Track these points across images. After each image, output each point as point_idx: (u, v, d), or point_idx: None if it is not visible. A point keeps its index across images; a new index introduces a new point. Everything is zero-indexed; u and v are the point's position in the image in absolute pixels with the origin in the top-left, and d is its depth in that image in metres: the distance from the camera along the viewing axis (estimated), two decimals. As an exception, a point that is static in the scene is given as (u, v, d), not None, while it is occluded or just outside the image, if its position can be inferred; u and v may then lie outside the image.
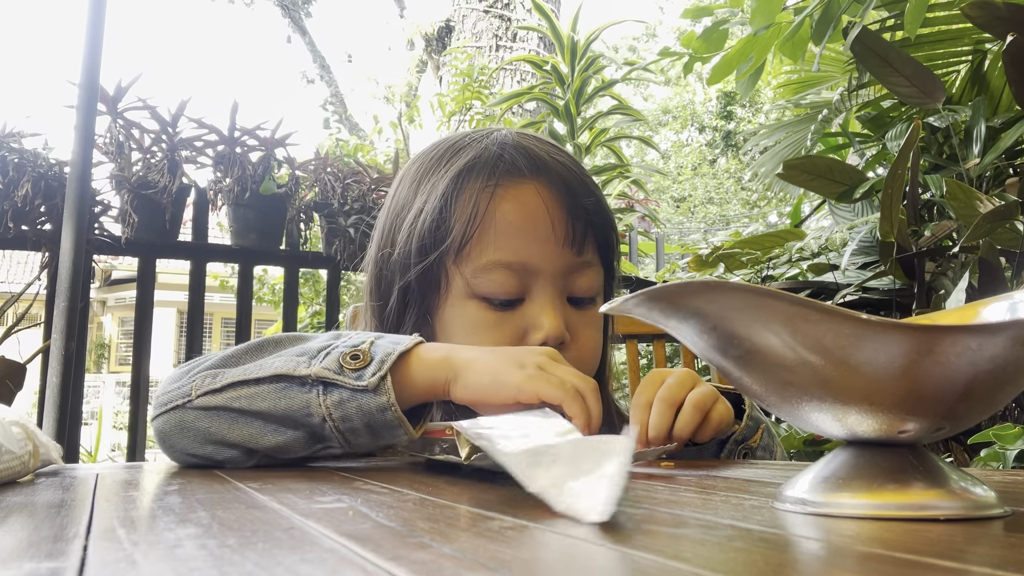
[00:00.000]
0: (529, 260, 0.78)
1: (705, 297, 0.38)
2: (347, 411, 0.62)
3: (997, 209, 1.59)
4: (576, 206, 0.81)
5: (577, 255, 0.80)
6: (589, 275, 0.82)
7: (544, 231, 0.79)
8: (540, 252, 0.79)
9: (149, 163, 2.39)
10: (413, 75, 9.03)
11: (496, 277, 0.78)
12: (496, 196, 0.79)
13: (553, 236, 0.79)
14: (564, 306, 0.80)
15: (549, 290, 0.79)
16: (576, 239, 0.80)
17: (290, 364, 0.64)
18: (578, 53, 4.74)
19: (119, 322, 15.53)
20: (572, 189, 0.81)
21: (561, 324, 0.78)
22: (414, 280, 0.82)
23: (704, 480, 0.55)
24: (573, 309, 0.81)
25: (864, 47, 1.97)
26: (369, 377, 0.62)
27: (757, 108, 14.07)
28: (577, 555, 0.28)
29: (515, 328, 0.79)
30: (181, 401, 0.66)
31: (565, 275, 0.80)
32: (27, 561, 0.28)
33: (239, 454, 0.66)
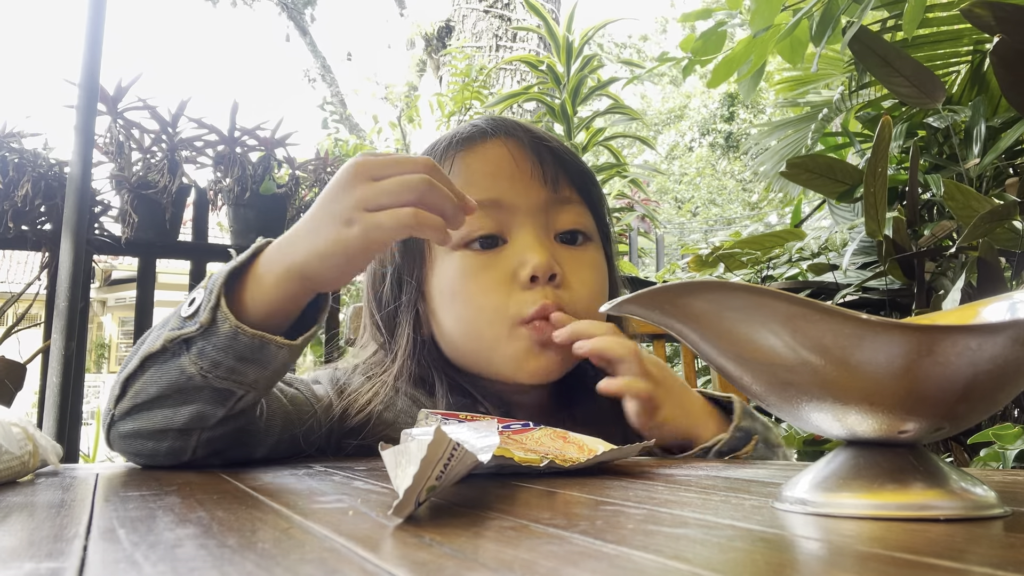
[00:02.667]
0: (500, 197, 0.78)
1: (705, 297, 0.38)
2: (209, 355, 0.62)
3: (996, 209, 1.59)
4: (543, 149, 0.81)
5: (552, 191, 0.80)
6: (571, 210, 0.81)
7: (512, 170, 0.79)
8: (511, 189, 0.78)
9: (149, 163, 2.39)
10: (413, 75, 9.03)
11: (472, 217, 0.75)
12: (460, 155, 0.81)
13: (521, 173, 0.79)
14: (551, 243, 0.79)
15: (529, 225, 0.78)
16: (548, 176, 0.79)
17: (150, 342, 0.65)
18: (574, 53, 4.74)
19: (119, 322, 15.53)
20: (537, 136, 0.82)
21: (548, 255, 0.76)
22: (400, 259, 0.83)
23: (704, 480, 0.55)
24: (563, 248, 0.80)
25: (863, 46, 1.97)
26: (202, 316, 0.62)
27: (759, 110, 14.08)
28: (577, 555, 0.28)
29: (503, 268, 0.77)
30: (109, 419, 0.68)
31: (545, 210, 0.79)
32: (27, 561, 0.28)
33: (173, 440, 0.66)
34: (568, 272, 0.78)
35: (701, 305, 0.38)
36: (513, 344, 0.76)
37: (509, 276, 0.77)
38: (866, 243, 2.14)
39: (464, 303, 0.78)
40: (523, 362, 0.76)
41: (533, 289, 0.76)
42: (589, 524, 0.34)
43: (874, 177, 1.68)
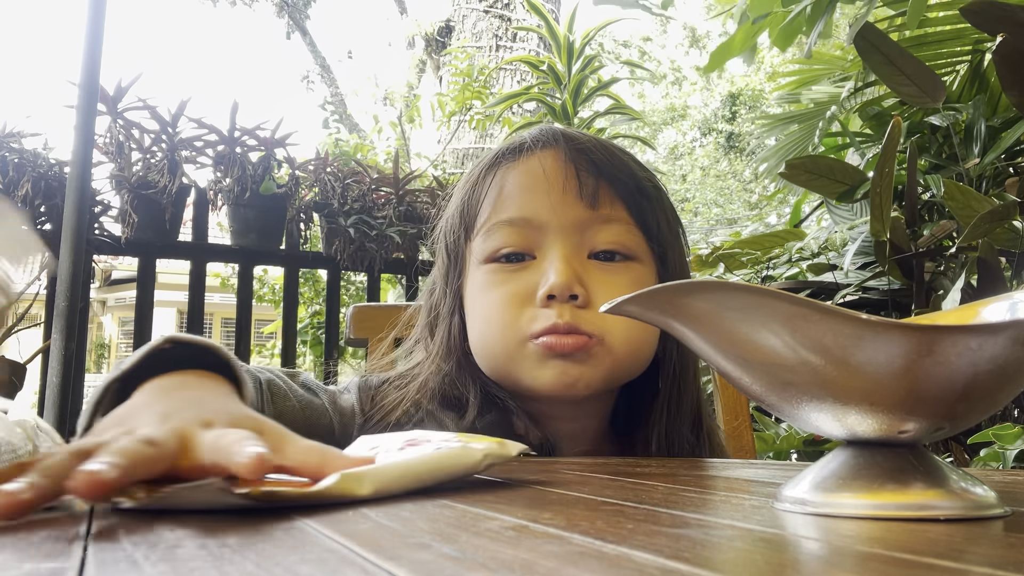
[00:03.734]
0: (533, 215, 0.75)
1: (705, 297, 0.38)
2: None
3: (995, 209, 1.59)
4: (587, 162, 0.77)
5: (591, 208, 0.75)
6: (611, 229, 0.76)
7: (547, 186, 0.76)
8: (545, 206, 0.75)
9: (149, 163, 2.39)
10: (413, 75, 9.03)
11: (499, 235, 0.76)
12: (502, 169, 0.79)
13: (560, 190, 0.76)
14: (582, 261, 0.75)
15: (559, 243, 0.75)
16: (586, 192, 0.75)
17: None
18: (574, 53, 4.74)
19: (119, 322, 15.52)
20: (582, 148, 0.78)
21: (569, 275, 0.73)
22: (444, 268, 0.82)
23: (704, 480, 0.55)
24: (597, 267, 0.76)
25: (867, 43, 1.97)
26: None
27: (762, 111, 14.07)
28: (577, 555, 0.28)
29: (526, 285, 0.75)
30: None
31: (580, 229, 0.75)
32: (27, 561, 0.28)
33: None
34: (598, 292, 0.74)
35: (701, 305, 0.38)
36: (525, 358, 0.75)
37: (530, 293, 0.75)
38: (866, 243, 2.14)
39: (482, 316, 0.78)
40: (537, 372, 0.74)
41: (550, 307, 0.73)
42: (589, 524, 0.34)
43: (881, 177, 1.68)
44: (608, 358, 0.74)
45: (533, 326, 0.73)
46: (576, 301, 0.73)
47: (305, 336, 4.32)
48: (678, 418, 0.79)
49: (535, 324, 0.73)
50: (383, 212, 2.75)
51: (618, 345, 0.74)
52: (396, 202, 2.80)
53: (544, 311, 0.73)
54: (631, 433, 0.81)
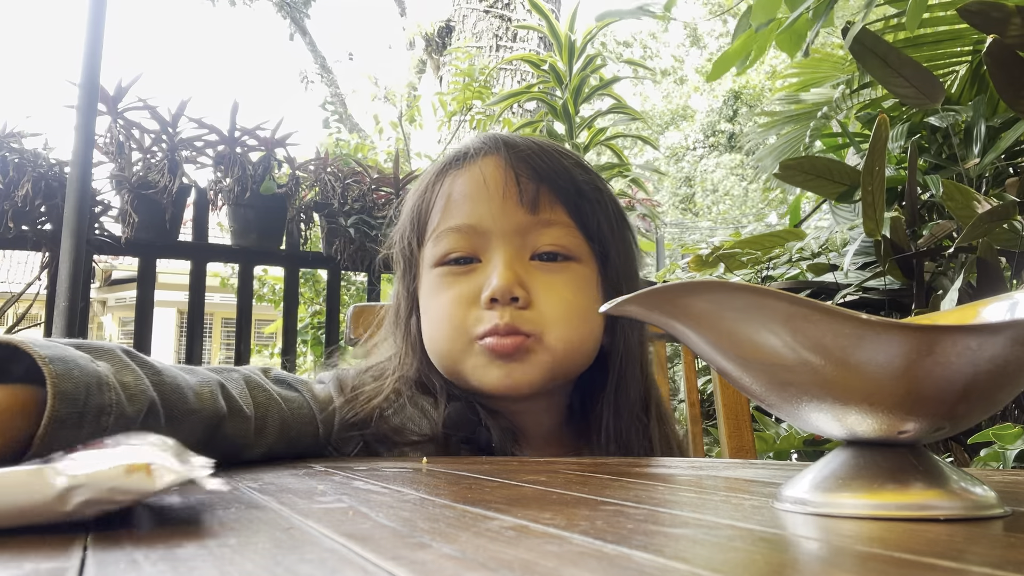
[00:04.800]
0: (477, 222, 0.80)
1: (705, 297, 0.38)
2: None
3: (995, 209, 1.59)
4: (527, 168, 0.80)
5: (531, 212, 0.80)
6: (552, 232, 0.80)
7: (488, 193, 0.80)
8: (488, 213, 0.80)
9: (149, 163, 2.39)
10: (413, 75, 9.03)
11: (447, 241, 0.80)
12: (449, 176, 0.83)
13: (501, 197, 0.80)
14: (524, 264, 0.79)
15: (502, 248, 0.79)
16: (526, 197, 0.79)
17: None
18: (576, 52, 4.74)
19: (119, 322, 15.52)
20: (522, 155, 0.81)
21: (510, 279, 0.77)
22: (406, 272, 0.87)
23: (704, 480, 0.55)
24: (539, 268, 0.80)
25: (863, 47, 1.97)
26: None
27: (761, 110, 14.05)
28: (577, 555, 0.28)
29: (471, 287, 0.79)
30: None
31: (522, 233, 0.80)
32: (27, 561, 0.28)
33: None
34: (540, 292, 0.78)
35: (701, 305, 0.38)
36: (471, 359, 0.79)
37: (475, 295, 0.79)
38: (866, 243, 2.14)
39: (432, 317, 0.82)
40: (482, 374, 0.78)
41: (493, 309, 0.77)
42: (589, 524, 0.34)
43: (871, 176, 1.68)
44: (547, 356, 0.77)
45: (478, 328, 0.78)
46: (517, 303, 0.77)
47: (305, 336, 4.32)
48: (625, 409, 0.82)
49: (479, 326, 0.78)
50: (383, 212, 2.75)
51: (555, 343, 0.77)
52: (396, 202, 2.80)
53: (488, 313, 0.78)
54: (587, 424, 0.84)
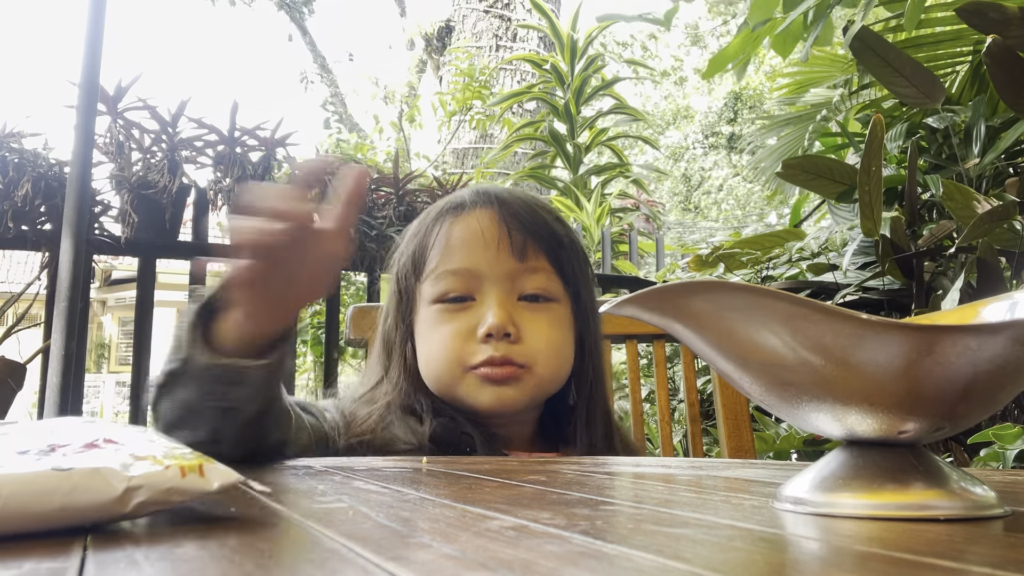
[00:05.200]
0: (473, 266, 0.92)
1: (705, 297, 0.38)
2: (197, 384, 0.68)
3: (995, 209, 1.59)
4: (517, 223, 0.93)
5: (519, 261, 0.92)
6: (537, 278, 0.93)
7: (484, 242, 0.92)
8: (483, 258, 0.92)
9: (149, 163, 2.39)
10: (413, 75, 9.03)
11: (446, 282, 0.92)
12: (447, 222, 0.95)
13: (495, 246, 0.92)
14: (513, 304, 0.91)
15: (495, 290, 0.91)
16: (516, 248, 0.92)
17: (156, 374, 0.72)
18: (578, 52, 4.73)
19: (119, 322, 15.52)
20: (513, 211, 0.94)
21: (503, 316, 0.89)
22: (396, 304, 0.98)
23: (704, 480, 0.55)
24: (525, 307, 0.92)
25: (864, 46, 1.97)
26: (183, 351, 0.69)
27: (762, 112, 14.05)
28: (577, 555, 0.28)
29: (467, 324, 0.90)
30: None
31: (512, 278, 0.92)
32: (27, 561, 0.28)
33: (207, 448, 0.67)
34: (526, 328, 0.90)
35: (701, 305, 0.38)
36: (465, 383, 0.90)
37: (471, 330, 0.90)
38: (866, 243, 2.14)
39: (431, 348, 0.93)
40: (476, 395, 0.90)
41: (487, 343, 0.89)
42: (589, 524, 0.34)
43: (868, 176, 1.68)
44: (533, 381, 0.90)
45: (474, 359, 0.89)
46: (509, 338, 0.89)
47: (305, 336, 4.32)
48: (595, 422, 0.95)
49: (475, 357, 0.89)
50: (383, 212, 2.75)
51: (542, 372, 0.90)
52: (396, 202, 2.80)
53: (483, 346, 0.89)
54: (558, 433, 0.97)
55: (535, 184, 5.24)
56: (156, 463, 0.35)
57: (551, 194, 4.68)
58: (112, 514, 0.34)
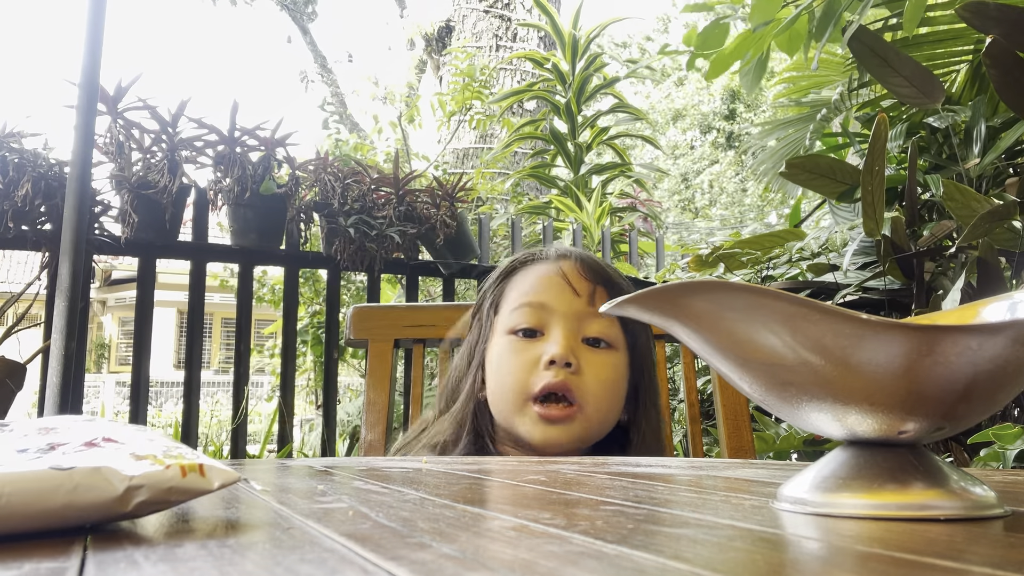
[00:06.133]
0: (547, 301, 1.00)
1: (705, 297, 0.38)
2: None
3: (995, 209, 1.59)
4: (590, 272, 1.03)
5: (588, 304, 1.00)
6: (600, 323, 1.00)
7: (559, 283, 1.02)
8: (556, 297, 1.00)
9: (149, 163, 2.39)
10: (413, 75, 9.02)
11: (521, 313, 1.00)
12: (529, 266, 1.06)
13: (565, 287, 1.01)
14: (577, 343, 0.98)
15: (562, 326, 0.99)
16: (586, 292, 1.01)
17: None
18: (579, 51, 4.73)
19: (119, 322, 15.52)
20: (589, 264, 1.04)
21: (567, 349, 0.96)
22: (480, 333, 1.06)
23: (704, 480, 0.55)
24: (587, 349, 0.99)
25: (863, 46, 1.97)
26: None
27: (761, 111, 14.05)
28: (577, 555, 0.28)
29: (534, 354, 0.98)
30: None
31: (579, 318, 1.00)
32: (27, 561, 0.28)
33: None
34: (585, 366, 0.97)
35: (701, 305, 0.38)
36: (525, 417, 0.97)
37: (536, 361, 0.97)
38: (866, 243, 2.14)
39: (498, 376, 1.00)
40: (533, 431, 0.96)
41: (549, 370, 0.96)
42: (589, 524, 0.34)
43: (871, 176, 1.68)
44: (584, 423, 0.96)
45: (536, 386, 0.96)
46: (570, 368, 0.96)
47: (305, 336, 4.32)
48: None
49: (538, 384, 0.96)
50: (383, 212, 2.75)
51: (593, 413, 0.97)
52: (396, 202, 2.80)
53: (545, 372, 0.96)
54: None
55: (535, 183, 5.24)
56: (157, 462, 0.35)
57: (551, 193, 4.68)
58: (113, 514, 0.34)
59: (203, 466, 0.36)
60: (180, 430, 2.64)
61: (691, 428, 1.17)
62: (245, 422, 2.64)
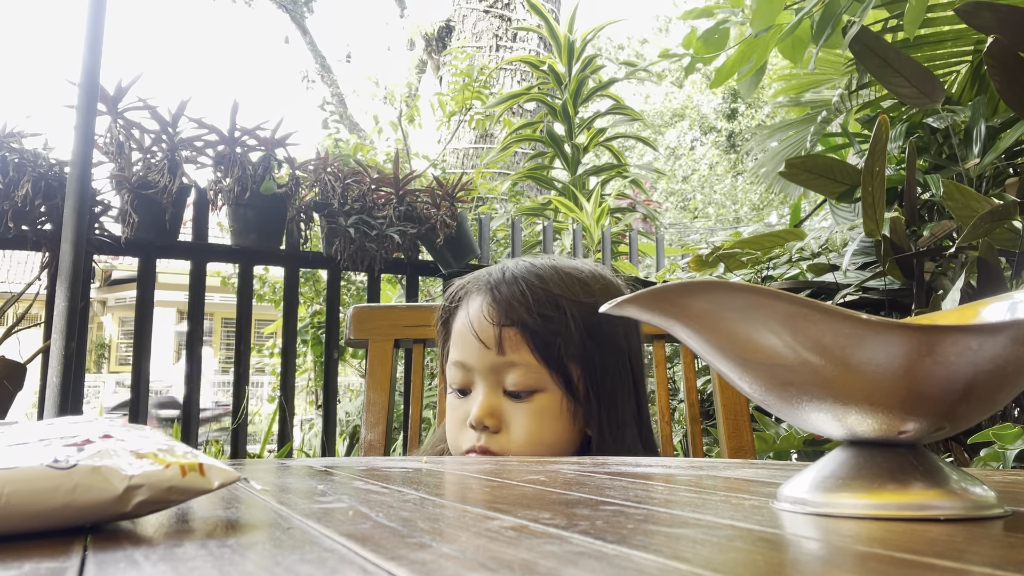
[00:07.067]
0: (467, 360, 0.98)
1: (705, 297, 0.38)
2: None
3: (995, 209, 1.59)
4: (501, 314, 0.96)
5: (500, 355, 0.96)
6: (516, 372, 0.96)
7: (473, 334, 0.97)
8: (471, 354, 0.98)
9: (149, 163, 2.39)
10: (413, 75, 9.02)
11: (451, 372, 1.00)
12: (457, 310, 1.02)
13: (478, 338, 0.97)
14: (498, 396, 0.97)
15: (482, 383, 0.97)
16: (498, 343, 0.96)
17: None
18: (575, 53, 4.73)
19: (119, 322, 15.52)
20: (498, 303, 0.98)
21: (484, 411, 0.95)
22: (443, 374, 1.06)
23: (704, 480, 0.55)
24: (510, 401, 0.97)
25: (863, 47, 1.97)
26: None
27: (760, 108, 14.05)
28: (577, 555, 0.28)
29: (464, 412, 0.98)
30: None
31: (496, 371, 0.96)
32: (27, 561, 0.28)
33: None
34: (510, 421, 0.96)
35: (701, 305, 0.38)
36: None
37: (465, 419, 0.98)
38: (866, 243, 2.14)
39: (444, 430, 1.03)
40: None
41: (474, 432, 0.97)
42: (589, 524, 0.34)
43: (871, 176, 1.68)
44: None
45: (464, 447, 0.98)
46: (489, 430, 0.95)
47: (305, 336, 4.32)
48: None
49: (464, 445, 0.98)
50: (383, 212, 2.75)
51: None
52: (396, 202, 2.80)
53: (472, 433, 0.97)
54: None
55: (534, 184, 5.24)
56: (157, 462, 0.35)
57: (550, 194, 4.68)
58: (113, 513, 0.34)
59: (203, 465, 0.36)
60: (180, 430, 2.64)
61: (691, 428, 1.17)
62: (245, 422, 2.64)
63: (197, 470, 0.36)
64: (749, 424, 1.13)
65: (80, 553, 0.30)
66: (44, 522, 0.33)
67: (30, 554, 0.29)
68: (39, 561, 0.28)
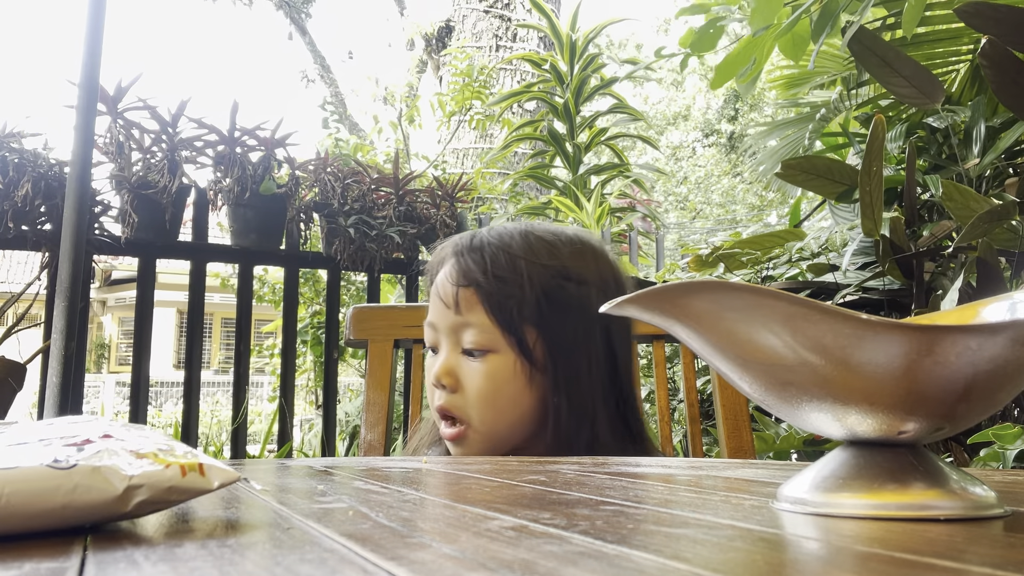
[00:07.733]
0: (433, 319, 1.02)
1: (705, 297, 0.38)
2: None
3: (994, 209, 1.59)
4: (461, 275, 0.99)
5: (457, 314, 0.98)
6: (471, 331, 0.98)
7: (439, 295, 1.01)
8: (436, 313, 1.01)
9: (149, 163, 2.39)
10: (413, 75, 9.02)
11: (426, 331, 1.03)
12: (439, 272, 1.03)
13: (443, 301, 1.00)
14: (457, 355, 0.99)
15: (444, 342, 1.00)
16: (455, 302, 0.98)
17: None
18: (577, 52, 4.73)
19: (119, 322, 15.52)
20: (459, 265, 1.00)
21: (443, 370, 0.98)
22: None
23: (704, 480, 0.55)
24: (467, 359, 0.99)
25: (862, 47, 1.97)
26: None
27: (760, 109, 14.05)
28: (577, 555, 0.28)
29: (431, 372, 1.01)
30: None
31: (454, 330, 0.99)
32: (27, 561, 0.28)
33: None
34: (465, 380, 0.98)
35: (701, 305, 0.38)
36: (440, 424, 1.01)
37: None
38: (866, 243, 2.14)
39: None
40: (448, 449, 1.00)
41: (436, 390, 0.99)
42: (589, 524, 0.34)
43: (869, 176, 1.68)
44: (479, 438, 0.97)
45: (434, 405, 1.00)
46: (447, 389, 0.98)
47: (305, 336, 4.32)
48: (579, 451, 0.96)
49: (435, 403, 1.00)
50: (383, 212, 2.75)
51: (480, 426, 0.97)
52: (396, 202, 2.80)
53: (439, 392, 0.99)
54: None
55: (535, 184, 5.23)
56: (157, 462, 0.35)
57: (550, 194, 4.68)
58: (113, 513, 0.34)
59: (203, 465, 0.36)
60: (180, 430, 2.64)
61: (691, 428, 1.17)
62: (245, 422, 2.64)
63: (197, 470, 0.36)
64: (749, 424, 1.13)
65: (80, 553, 0.30)
66: (44, 522, 0.33)
67: (30, 554, 0.29)
68: (39, 561, 0.28)
